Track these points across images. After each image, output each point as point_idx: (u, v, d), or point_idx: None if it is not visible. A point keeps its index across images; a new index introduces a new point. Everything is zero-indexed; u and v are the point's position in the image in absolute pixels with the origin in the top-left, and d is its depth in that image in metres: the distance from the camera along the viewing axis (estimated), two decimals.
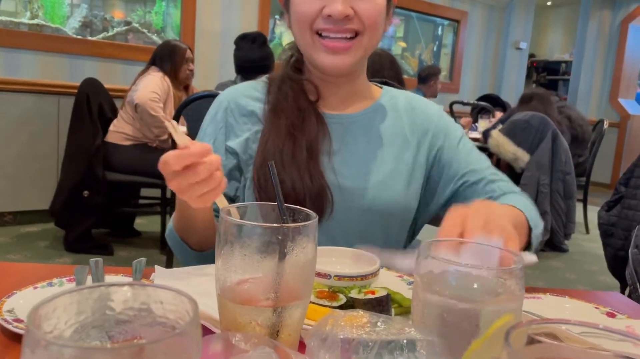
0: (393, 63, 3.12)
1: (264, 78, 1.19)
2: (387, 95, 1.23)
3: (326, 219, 1.07)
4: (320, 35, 1.04)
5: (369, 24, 1.03)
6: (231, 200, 1.13)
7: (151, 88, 3.47)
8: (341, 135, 1.13)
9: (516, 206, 1.00)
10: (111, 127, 3.54)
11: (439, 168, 1.17)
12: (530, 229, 1.00)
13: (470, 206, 0.77)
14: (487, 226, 0.70)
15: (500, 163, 4.43)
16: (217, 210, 1.04)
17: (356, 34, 1.04)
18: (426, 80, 5.51)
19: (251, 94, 1.16)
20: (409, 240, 1.24)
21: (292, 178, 1.04)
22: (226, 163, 1.12)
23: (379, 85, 1.27)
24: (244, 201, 1.11)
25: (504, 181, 1.16)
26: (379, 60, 2.88)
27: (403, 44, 7.11)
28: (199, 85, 4.26)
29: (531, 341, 0.40)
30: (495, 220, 0.72)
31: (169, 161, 0.78)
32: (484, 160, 1.19)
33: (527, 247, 1.01)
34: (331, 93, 1.15)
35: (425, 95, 5.37)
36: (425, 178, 1.18)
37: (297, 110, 1.10)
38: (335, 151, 1.11)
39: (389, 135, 1.16)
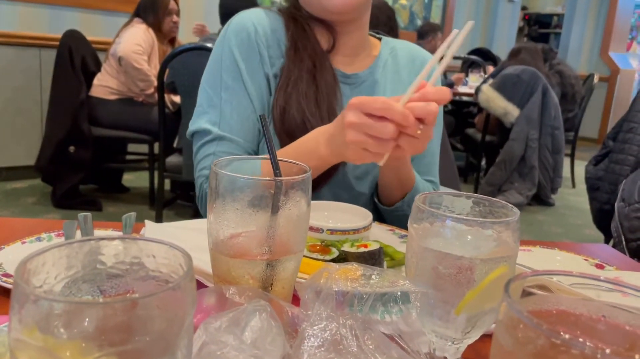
0: (390, 19, 3.00)
1: (276, 10, 1.12)
2: (387, 47, 1.19)
3: (341, 168, 1.06)
4: None
5: None
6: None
7: (135, 40, 3.38)
8: (349, 95, 1.11)
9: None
10: (95, 81, 3.46)
11: None
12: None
13: None
14: None
15: (490, 118, 4.42)
16: None
17: None
18: (426, 36, 5.49)
19: (274, 23, 1.08)
20: None
21: (314, 126, 0.99)
22: (268, 99, 1.05)
23: (376, 35, 1.23)
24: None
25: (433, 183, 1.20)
26: (376, 13, 2.78)
27: (404, 1, 6.94)
28: (184, 38, 4.14)
29: (525, 293, 0.40)
30: None
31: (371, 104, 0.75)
32: (437, 154, 1.21)
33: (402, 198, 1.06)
34: (340, 45, 1.11)
35: None
36: None
37: (315, 54, 1.06)
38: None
39: (392, 91, 1.14)
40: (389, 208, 1.07)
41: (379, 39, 1.22)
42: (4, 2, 3.83)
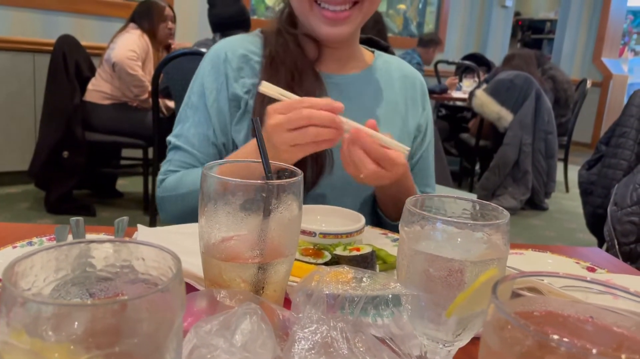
0: (377, 23, 3.07)
1: (257, 32, 1.16)
2: (380, 59, 1.22)
3: (326, 175, 1.06)
4: (317, 2, 1.01)
5: None
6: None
7: (129, 46, 3.37)
8: (336, 97, 1.10)
9: None
10: (89, 86, 3.46)
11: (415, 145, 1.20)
12: None
13: None
14: None
15: (483, 123, 4.44)
16: None
17: (355, 2, 1.02)
18: (427, 45, 5.54)
19: (248, 47, 1.12)
20: None
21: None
22: (231, 112, 1.09)
23: (369, 48, 1.26)
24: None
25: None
26: None
27: (403, 6, 6.99)
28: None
29: (515, 295, 0.40)
30: None
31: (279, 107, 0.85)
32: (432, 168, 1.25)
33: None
34: (327, 55, 1.13)
35: (420, 56, 5.40)
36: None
37: (295, 65, 1.07)
38: None
39: (382, 100, 1.16)
40: (392, 223, 1.09)
41: (372, 51, 1.25)
42: None
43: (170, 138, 1.13)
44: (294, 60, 1.08)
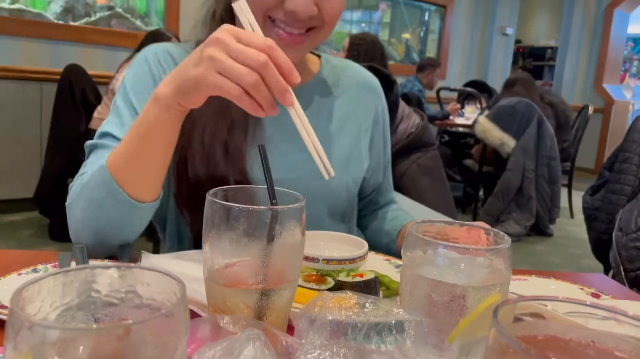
0: (382, 55, 3.17)
1: (192, 43, 1.03)
2: (328, 65, 1.11)
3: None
4: (272, 19, 0.91)
5: (330, 20, 0.94)
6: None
7: None
8: (274, 118, 0.97)
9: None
10: (95, 114, 3.50)
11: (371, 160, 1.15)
12: None
13: None
14: None
15: (486, 149, 4.46)
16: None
17: (312, 28, 0.94)
18: (423, 70, 5.64)
19: (182, 53, 1.00)
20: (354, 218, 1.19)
21: (214, 174, 0.92)
22: None
23: (315, 52, 1.14)
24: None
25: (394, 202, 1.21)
26: (372, 48, 2.96)
27: (407, 35, 7.10)
28: None
29: (517, 319, 0.40)
30: None
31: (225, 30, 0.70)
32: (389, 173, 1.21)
33: None
34: None
35: (421, 84, 5.48)
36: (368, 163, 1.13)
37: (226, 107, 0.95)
38: (269, 138, 1.00)
39: (327, 116, 1.07)
40: None
41: (318, 56, 1.14)
42: (7, 37, 3.90)
43: (88, 142, 0.98)
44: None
